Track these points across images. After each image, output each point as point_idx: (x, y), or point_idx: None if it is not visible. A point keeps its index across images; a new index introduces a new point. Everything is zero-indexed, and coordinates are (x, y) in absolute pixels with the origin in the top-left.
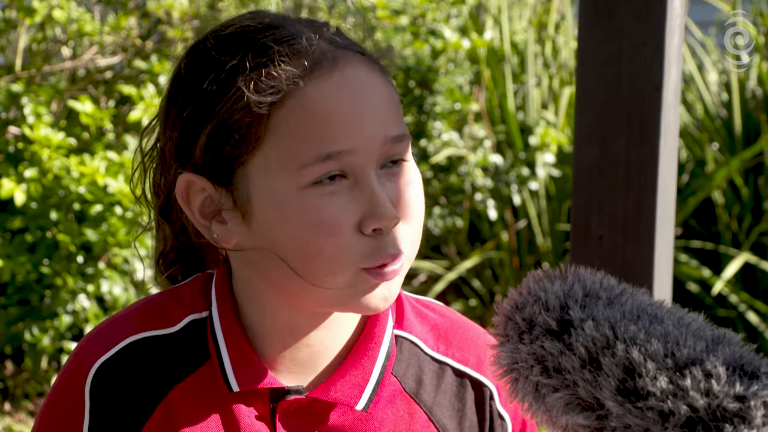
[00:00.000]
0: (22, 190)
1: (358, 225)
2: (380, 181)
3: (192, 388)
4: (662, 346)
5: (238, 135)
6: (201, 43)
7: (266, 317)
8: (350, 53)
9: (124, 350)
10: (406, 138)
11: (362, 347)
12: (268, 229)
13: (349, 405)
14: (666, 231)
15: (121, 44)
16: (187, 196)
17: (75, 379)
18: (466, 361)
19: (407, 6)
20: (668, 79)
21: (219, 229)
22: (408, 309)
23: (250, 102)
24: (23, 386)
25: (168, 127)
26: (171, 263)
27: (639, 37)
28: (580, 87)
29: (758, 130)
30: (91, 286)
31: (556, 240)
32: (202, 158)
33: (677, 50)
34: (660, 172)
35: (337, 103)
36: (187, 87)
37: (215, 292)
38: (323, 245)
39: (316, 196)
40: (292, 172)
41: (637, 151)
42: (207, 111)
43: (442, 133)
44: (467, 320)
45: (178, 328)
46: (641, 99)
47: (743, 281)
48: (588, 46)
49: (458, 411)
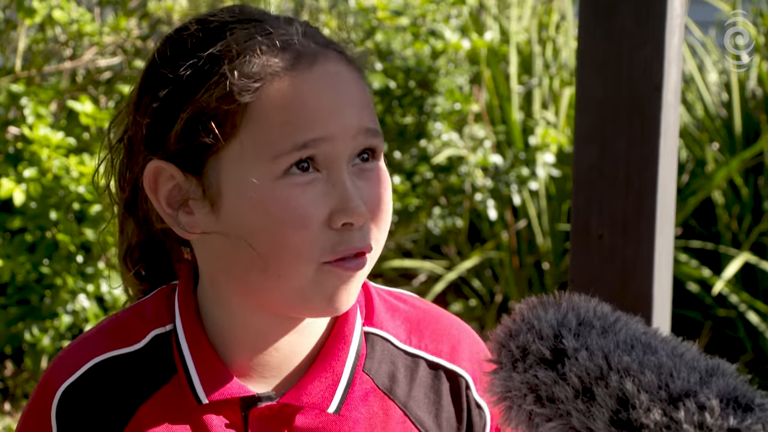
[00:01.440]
0: (22, 190)
1: (327, 219)
2: (352, 178)
3: (160, 404)
4: (656, 378)
5: (216, 122)
6: (180, 31)
7: (233, 321)
8: (330, 51)
9: (88, 372)
10: (380, 135)
11: (331, 349)
12: (236, 219)
13: (320, 408)
14: (666, 231)
15: (121, 45)
16: (155, 184)
17: (42, 403)
18: (440, 353)
19: (407, 7)
20: (668, 79)
21: (184, 218)
22: (378, 304)
23: (233, 89)
24: (23, 386)
25: (139, 114)
26: (136, 261)
27: (639, 37)
28: (580, 87)
29: (758, 130)
30: (91, 286)
31: (556, 240)
32: (175, 145)
33: (677, 50)
34: (660, 172)
35: (316, 94)
36: (164, 74)
37: (178, 302)
38: (291, 236)
39: (289, 186)
40: (266, 161)
41: (637, 151)
42: (185, 97)
43: (442, 133)
44: (440, 310)
45: (142, 344)
46: (641, 99)
47: (743, 281)
48: (588, 47)
49: (434, 404)
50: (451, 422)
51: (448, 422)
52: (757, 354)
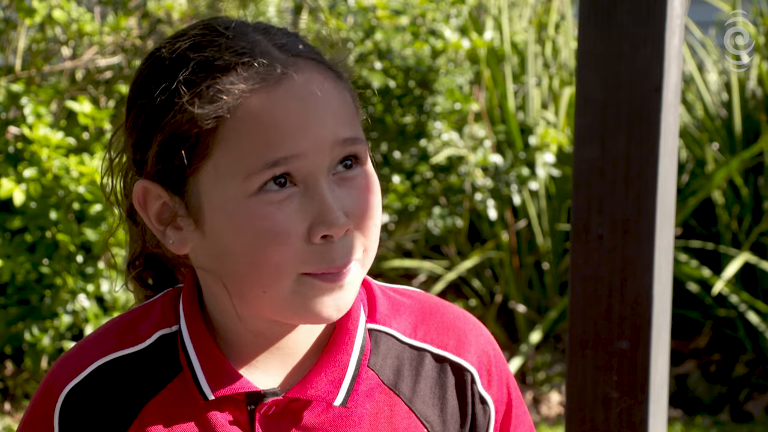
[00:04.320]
0: (22, 189)
1: (306, 233)
2: (331, 187)
3: (166, 402)
4: None
5: (188, 145)
6: (156, 51)
7: (234, 324)
8: (302, 60)
9: (93, 374)
10: (360, 142)
11: (336, 343)
12: (218, 237)
13: (327, 401)
14: (666, 231)
15: (121, 44)
16: (144, 203)
17: (45, 405)
18: (446, 346)
19: (407, 6)
20: (668, 79)
21: (175, 236)
22: (381, 300)
23: (197, 114)
24: (23, 386)
25: (126, 132)
26: (141, 267)
27: (639, 37)
28: (580, 87)
29: (758, 130)
30: (91, 285)
31: (556, 240)
32: (154, 167)
33: (677, 50)
34: (660, 172)
35: (284, 111)
36: (140, 95)
37: (182, 303)
38: (271, 253)
39: (265, 203)
40: (240, 180)
41: (637, 151)
42: (157, 120)
43: (442, 133)
44: (445, 303)
45: (147, 344)
46: (641, 99)
47: (743, 281)
48: (588, 46)
49: (439, 398)
50: (456, 417)
51: (452, 417)
52: (757, 354)
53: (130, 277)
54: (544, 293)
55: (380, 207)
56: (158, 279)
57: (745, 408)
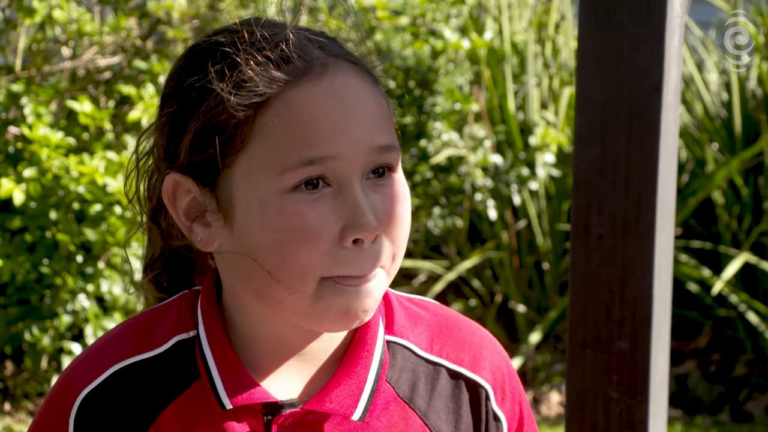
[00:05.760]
0: (21, 189)
1: (338, 235)
2: (365, 191)
3: (182, 409)
4: None
5: (224, 136)
6: (194, 47)
7: (255, 328)
8: (341, 61)
9: (109, 379)
10: (395, 149)
11: (354, 355)
12: (248, 233)
13: (344, 415)
14: (666, 231)
15: (120, 44)
16: (174, 197)
17: (60, 408)
18: (461, 361)
19: (407, 6)
20: (668, 79)
21: (202, 232)
22: (398, 312)
23: (232, 105)
24: (23, 386)
25: (159, 127)
26: (159, 270)
27: (639, 37)
28: (580, 87)
29: (758, 130)
30: (90, 285)
31: (556, 240)
32: (187, 158)
33: (677, 50)
34: (660, 172)
35: (324, 109)
36: (177, 87)
37: (201, 308)
38: (299, 253)
39: (298, 201)
40: (273, 174)
41: (637, 151)
42: (193, 109)
43: (442, 133)
44: (462, 317)
45: (164, 349)
46: (641, 99)
47: (743, 281)
48: (588, 46)
49: (454, 413)
50: None
51: None
52: (757, 354)
53: (146, 279)
54: (544, 293)
55: (410, 216)
56: (173, 282)
57: (745, 408)
